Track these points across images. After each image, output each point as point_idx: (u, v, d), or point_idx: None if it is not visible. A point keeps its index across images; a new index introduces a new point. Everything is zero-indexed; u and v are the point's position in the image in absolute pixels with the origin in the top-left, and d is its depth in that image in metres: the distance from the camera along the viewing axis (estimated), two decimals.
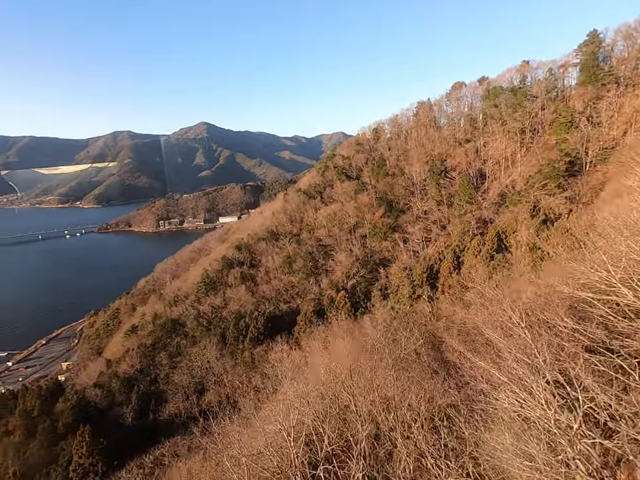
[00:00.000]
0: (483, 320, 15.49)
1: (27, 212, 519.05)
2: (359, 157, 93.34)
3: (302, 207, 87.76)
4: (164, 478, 28.21)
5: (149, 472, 32.36)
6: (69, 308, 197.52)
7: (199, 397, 49.60)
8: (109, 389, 63.76)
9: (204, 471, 22.18)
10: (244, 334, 59.08)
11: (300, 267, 72.10)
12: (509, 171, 71.01)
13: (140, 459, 33.37)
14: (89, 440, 35.67)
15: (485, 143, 76.64)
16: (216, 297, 76.17)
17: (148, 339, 73.04)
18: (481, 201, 64.14)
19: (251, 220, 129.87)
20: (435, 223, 64.49)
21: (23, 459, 41.37)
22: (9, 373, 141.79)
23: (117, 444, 41.05)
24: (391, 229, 67.95)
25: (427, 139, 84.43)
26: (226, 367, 52.02)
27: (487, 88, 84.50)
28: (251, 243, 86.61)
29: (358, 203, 76.68)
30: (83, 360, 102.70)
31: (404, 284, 48.07)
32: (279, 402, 18.68)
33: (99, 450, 35.82)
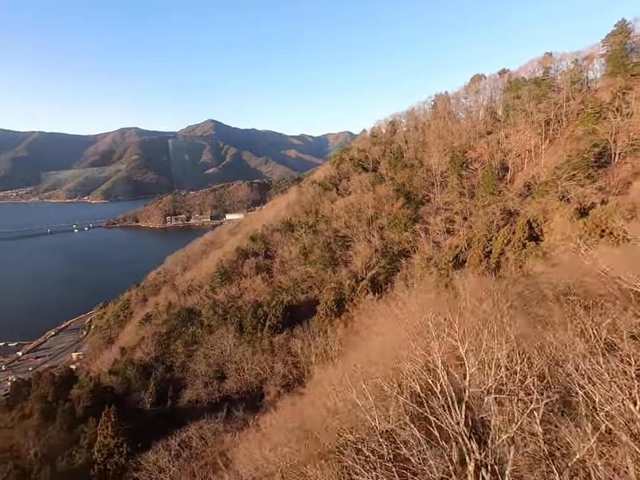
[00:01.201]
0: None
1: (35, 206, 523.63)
2: (375, 149, 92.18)
3: (317, 199, 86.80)
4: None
5: (175, 454, 31.56)
6: (78, 300, 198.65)
7: (218, 383, 48.78)
8: (124, 375, 63.31)
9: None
10: (262, 322, 58.26)
11: (317, 257, 71.12)
12: (532, 163, 69.48)
13: (166, 440, 32.55)
14: (114, 420, 34.98)
15: (507, 134, 75.06)
16: (231, 286, 75.52)
17: (162, 327, 72.55)
18: (506, 192, 62.72)
19: (263, 213, 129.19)
20: (458, 214, 63.20)
21: (44, 440, 40.81)
22: (19, 362, 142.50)
23: (137, 428, 40.37)
24: (411, 220, 66.76)
25: (446, 130, 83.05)
26: (246, 355, 51.17)
27: (509, 80, 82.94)
28: (265, 234, 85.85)
29: (376, 194, 75.54)
30: (94, 349, 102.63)
31: (432, 272, 46.95)
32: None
33: (123, 430, 35.13)
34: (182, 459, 30.12)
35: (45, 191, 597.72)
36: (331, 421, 14.29)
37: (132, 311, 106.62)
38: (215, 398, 45.94)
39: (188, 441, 32.16)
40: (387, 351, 16.39)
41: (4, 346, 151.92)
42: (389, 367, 15.45)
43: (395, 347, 16.15)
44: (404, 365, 14.47)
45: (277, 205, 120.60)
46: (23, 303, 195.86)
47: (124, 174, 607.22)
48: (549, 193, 56.58)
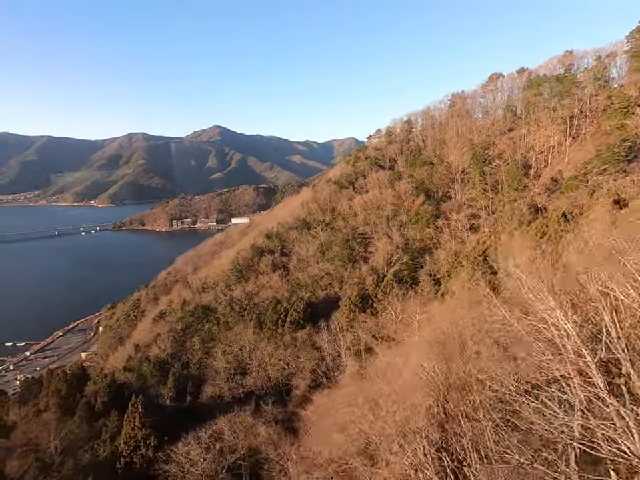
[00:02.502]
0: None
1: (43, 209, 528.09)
2: (392, 148, 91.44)
3: (334, 197, 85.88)
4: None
5: (206, 447, 30.11)
6: (85, 302, 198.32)
7: (241, 379, 47.33)
8: (140, 372, 62.00)
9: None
10: (282, 318, 56.91)
11: (335, 254, 69.89)
12: (557, 159, 68.28)
13: (195, 432, 31.11)
14: (142, 411, 33.61)
15: (528, 132, 74.01)
16: (247, 283, 74.33)
17: (178, 324, 71.29)
18: (531, 187, 61.46)
19: (275, 213, 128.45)
20: (482, 210, 61.91)
21: (63, 434, 39.45)
22: (27, 362, 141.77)
23: (158, 423, 38.95)
24: (433, 217, 65.55)
25: (466, 128, 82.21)
26: (268, 350, 49.72)
27: (529, 78, 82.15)
28: (281, 232, 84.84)
29: (396, 191, 74.50)
30: (105, 348, 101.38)
31: (462, 266, 45.55)
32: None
33: (151, 422, 33.74)
34: (215, 451, 28.65)
35: (53, 195, 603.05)
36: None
37: (143, 310, 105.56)
38: (238, 393, 44.48)
39: (219, 434, 30.69)
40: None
41: (12, 346, 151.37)
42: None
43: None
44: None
45: (289, 205, 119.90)
46: (31, 304, 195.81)
47: (130, 178, 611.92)
48: (578, 187, 55.30)
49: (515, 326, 12.30)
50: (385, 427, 12.13)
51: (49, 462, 35.48)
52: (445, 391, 12.49)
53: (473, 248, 49.43)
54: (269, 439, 28.70)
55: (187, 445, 29.29)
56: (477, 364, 14.02)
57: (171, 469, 28.58)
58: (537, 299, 12.36)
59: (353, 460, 17.32)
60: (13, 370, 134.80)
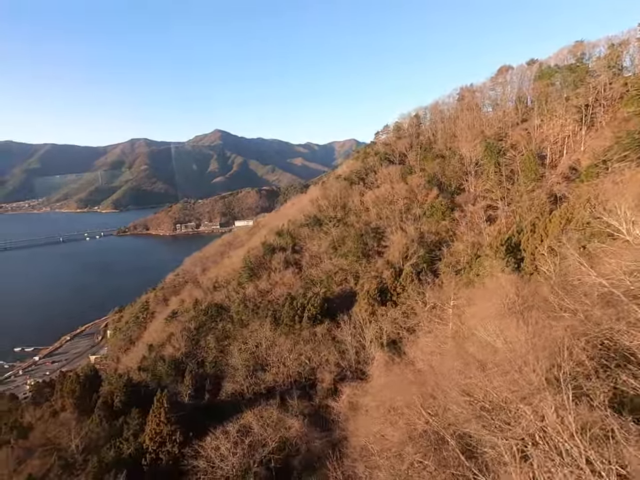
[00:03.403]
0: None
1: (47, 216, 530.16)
2: (401, 143, 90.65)
3: (344, 192, 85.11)
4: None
5: (235, 441, 29.16)
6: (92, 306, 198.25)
7: (261, 375, 46.39)
8: (154, 372, 61.24)
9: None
10: (300, 314, 55.99)
11: (349, 249, 68.98)
12: (572, 148, 67.26)
13: (224, 427, 30.20)
14: (167, 406, 32.72)
15: (542, 122, 73.06)
16: (260, 281, 73.52)
17: (191, 323, 70.52)
18: (549, 176, 60.42)
19: (283, 211, 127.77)
20: (500, 200, 60.88)
21: (83, 433, 38.63)
22: (35, 367, 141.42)
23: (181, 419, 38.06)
24: (449, 209, 64.57)
25: (477, 121, 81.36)
26: (286, 346, 48.78)
27: (540, 69, 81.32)
28: (292, 229, 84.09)
29: (408, 184, 73.62)
30: (115, 350, 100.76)
31: (486, 255, 44.55)
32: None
33: (176, 418, 32.84)
34: (245, 445, 27.68)
35: (57, 202, 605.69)
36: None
37: (153, 312, 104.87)
38: (259, 389, 43.53)
39: (248, 428, 29.74)
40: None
41: (20, 351, 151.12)
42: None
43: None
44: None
45: (297, 204, 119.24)
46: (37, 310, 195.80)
47: (133, 184, 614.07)
48: (598, 175, 54.23)
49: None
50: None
51: (71, 460, 34.65)
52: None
53: (495, 237, 48.46)
54: (301, 432, 27.78)
55: (215, 440, 28.31)
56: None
57: (199, 464, 27.62)
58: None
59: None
60: (22, 375, 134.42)
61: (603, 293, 16.12)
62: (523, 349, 11.66)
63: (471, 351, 14.35)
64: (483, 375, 11.79)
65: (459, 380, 13.02)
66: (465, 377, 13.05)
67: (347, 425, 25.61)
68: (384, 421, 15.41)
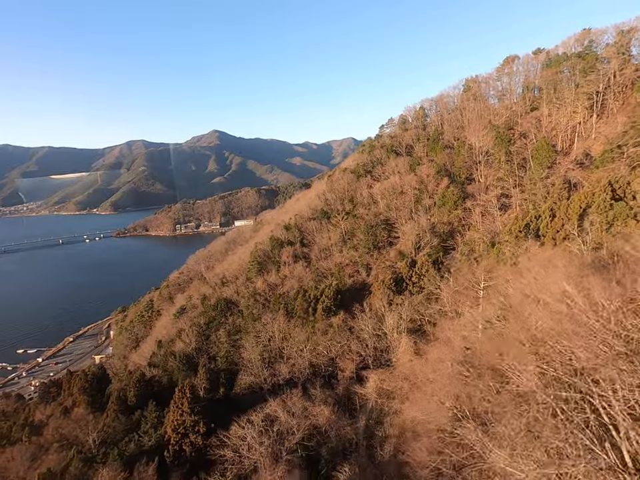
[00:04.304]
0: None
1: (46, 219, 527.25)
2: (408, 134, 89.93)
3: (352, 185, 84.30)
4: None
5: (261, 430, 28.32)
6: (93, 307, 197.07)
7: (279, 367, 45.54)
8: (165, 367, 60.35)
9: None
10: (313, 306, 55.21)
11: (360, 241, 68.23)
12: (582, 136, 66.66)
13: (248, 415, 29.34)
14: (190, 396, 31.82)
15: (551, 110, 72.41)
16: (269, 275, 72.66)
17: (200, 319, 69.65)
18: (562, 163, 59.72)
19: (288, 207, 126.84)
20: (513, 188, 60.17)
21: (100, 427, 37.75)
22: (39, 368, 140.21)
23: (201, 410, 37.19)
24: (461, 198, 63.82)
25: (484, 111, 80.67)
26: (302, 338, 47.94)
27: (548, 57, 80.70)
28: (300, 223, 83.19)
29: (418, 175, 72.86)
30: (121, 349, 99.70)
31: (506, 241, 43.81)
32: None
33: (199, 408, 31.95)
34: (273, 434, 26.84)
35: (55, 204, 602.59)
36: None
37: (158, 309, 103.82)
38: (277, 380, 42.70)
39: (274, 416, 28.90)
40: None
41: (23, 353, 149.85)
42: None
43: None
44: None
45: (301, 200, 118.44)
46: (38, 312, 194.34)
47: (132, 185, 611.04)
48: (614, 160, 53.62)
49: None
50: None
51: (89, 454, 33.76)
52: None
53: (513, 223, 47.75)
54: (331, 419, 26.95)
55: (242, 429, 27.46)
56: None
57: (226, 454, 26.77)
58: None
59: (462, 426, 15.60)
60: (26, 376, 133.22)
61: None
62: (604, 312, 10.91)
63: (534, 320, 13.56)
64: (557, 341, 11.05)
65: (529, 349, 12.27)
66: (535, 346, 12.30)
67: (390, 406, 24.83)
68: (483, 386, 14.39)
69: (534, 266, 21.39)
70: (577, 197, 45.31)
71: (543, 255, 24.84)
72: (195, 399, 40.58)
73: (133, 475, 24.74)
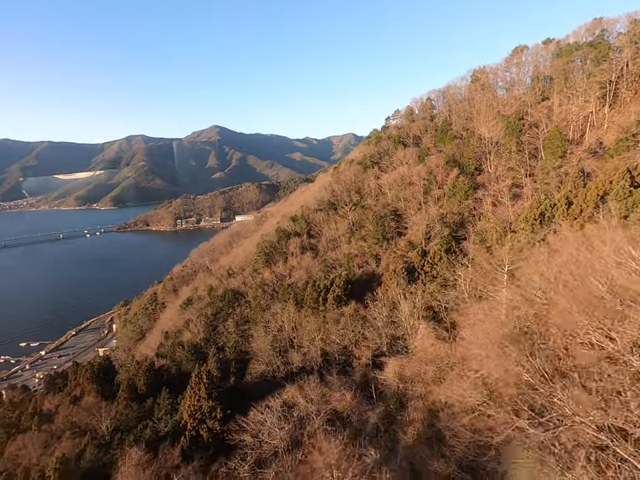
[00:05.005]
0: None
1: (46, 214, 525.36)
2: (415, 125, 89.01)
3: (359, 177, 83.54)
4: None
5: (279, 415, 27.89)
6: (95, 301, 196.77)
7: (291, 355, 45.13)
8: (173, 358, 59.99)
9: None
10: (323, 296, 54.69)
11: (369, 232, 67.62)
12: (595, 125, 65.86)
13: (266, 401, 28.90)
14: (207, 382, 31.36)
15: (562, 100, 71.51)
16: (276, 266, 72.12)
17: (207, 309, 69.22)
18: (576, 152, 59.02)
19: (293, 199, 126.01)
20: (524, 177, 59.52)
21: (112, 415, 37.36)
22: (42, 361, 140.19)
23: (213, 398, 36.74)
24: (471, 188, 63.14)
25: (494, 101, 79.73)
26: (313, 327, 47.46)
27: (558, 47, 79.64)
28: (306, 214, 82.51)
29: (427, 166, 72.09)
30: (126, 341, 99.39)
31: (522, 229, 43.23)
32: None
33: (216, 394, 31.52)
34: (295, 418, 26.40)
35: (55, 199, 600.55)
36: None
37: (163, 302, 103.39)
38: (292, 368, 42.31)
39: (293, 402, 28.48)
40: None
41: (26, 346, 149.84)
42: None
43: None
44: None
45: (306, 192, 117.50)
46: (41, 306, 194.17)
47: (132, 180, 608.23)
48: (629, 149, 52.90)
49: None
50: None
51: (102, 441, 33.38)
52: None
53: (529, 211, 47.13)
54: (352, 403, 26.54)
55: (261, 414, 27.01)
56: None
57: (246, 439, 26.34)
58: None
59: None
60: (29, 369, 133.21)
61: None
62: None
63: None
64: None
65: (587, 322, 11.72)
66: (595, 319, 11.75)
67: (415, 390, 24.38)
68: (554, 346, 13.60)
69: (573, 242, 20.87)
70: (594, 184, 44.65)
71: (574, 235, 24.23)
72: (212, 384, 40.21)
73: (157, 456, 24.30)
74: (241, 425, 27.59)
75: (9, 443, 40.15)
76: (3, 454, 37.99)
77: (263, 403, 29.13)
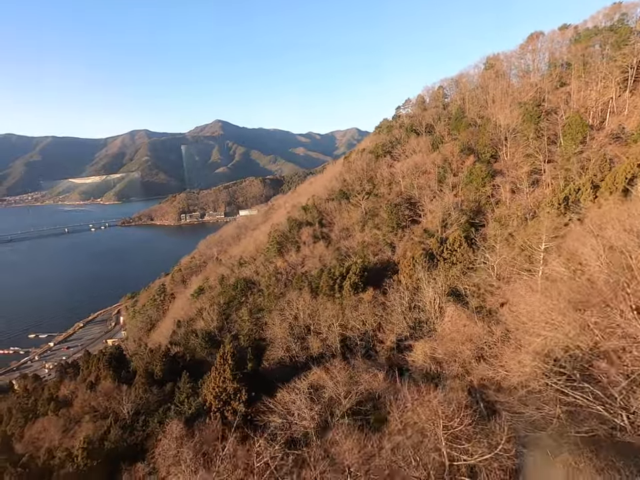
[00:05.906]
0: None
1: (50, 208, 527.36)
2: (428, 114, 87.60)
3: (371, 165, 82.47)
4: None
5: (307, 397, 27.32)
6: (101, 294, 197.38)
7: (310, 341, 44.61)
8: (187, 345, 59.74)
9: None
10: (339, 283, 54.01)
11: (382, 220, 66.74)
12: (615, 111, 64.33)
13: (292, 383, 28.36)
14: (232, 363, 30.83)
15: (581, 85, 69.87)
16: (288, 255, 71.52)
17: (220, 298, 68.82)
18: (597, 137, 57.68)
19: (301, 190, 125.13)
20: (544, 163, 58.28)
21: (132, 398, 37.03)
22: (51, 352, 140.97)
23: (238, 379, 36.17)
24: (489, 175, 61.98)
25: (509, 88, 78.17)
26: (331, 313, 46.84)
27: (576, 32, 77.84)
28: (317, 204, 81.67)
29: (442, 153, 70.90)
30: (135, 331, 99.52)
31: (549, 212, 42.23)
32: None
33: (242, 375, 31.00)
34: (325, 399, 25.82)
35: (59, 194, 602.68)
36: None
37: (172, 292, 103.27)
38: (313, 353, 41.80)
39: (317, 381, 27.91)
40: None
41: (35, 337, 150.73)
42: None
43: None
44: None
45: (314, 183, 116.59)
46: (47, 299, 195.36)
47: (135, 175, 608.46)
48: None
49: None
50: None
51: (125, 424, 33.03)
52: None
53: (553, 196, 46.10)
54: (385, 384, 25.92)
55: (290, 394, 26.44)
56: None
57: (275, 420, 25.79)
58: None
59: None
60: (38, 360, 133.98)
61: None
62: None
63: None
64: None
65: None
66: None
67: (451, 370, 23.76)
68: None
69: (618, 216, 19.97)
70: (622, 167, 43.48)
71: (614, 212, 23.32)
72: (237, 365, 39.63)
73: (193, 432, 23.84)
74: (268, 407, 27.05)
75: (28, 426, 40.06)
76: (23, 437, 37.84)
77: (289, 385, 28.54)
